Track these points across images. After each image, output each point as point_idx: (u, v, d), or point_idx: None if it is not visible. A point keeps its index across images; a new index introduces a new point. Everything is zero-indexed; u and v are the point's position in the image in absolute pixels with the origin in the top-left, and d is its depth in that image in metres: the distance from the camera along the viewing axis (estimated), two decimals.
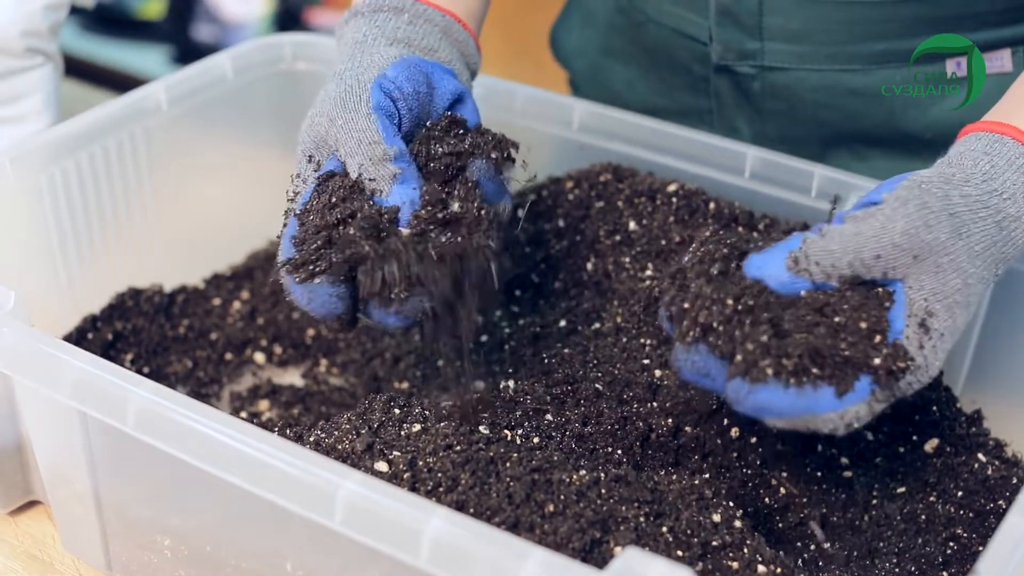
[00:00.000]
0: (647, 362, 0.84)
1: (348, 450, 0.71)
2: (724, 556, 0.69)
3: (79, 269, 0.98)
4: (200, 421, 0.67)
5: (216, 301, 1.05)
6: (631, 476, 0.72)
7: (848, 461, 0.83)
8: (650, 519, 0.70)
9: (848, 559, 0.78)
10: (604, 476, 0.71)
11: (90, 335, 0.98)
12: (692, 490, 0.72)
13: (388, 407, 0.75)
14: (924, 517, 0.80)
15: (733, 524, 0.71)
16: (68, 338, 0.96)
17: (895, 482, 0.82)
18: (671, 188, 0.93)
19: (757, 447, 0.81)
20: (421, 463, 0.70)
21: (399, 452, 0.71)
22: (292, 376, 1.01)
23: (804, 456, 0.82)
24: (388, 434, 0.72)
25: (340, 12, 2.50)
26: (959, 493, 0.81)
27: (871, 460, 0.83)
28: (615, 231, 0.93)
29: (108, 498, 0.77)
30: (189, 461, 0.67)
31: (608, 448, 0.79)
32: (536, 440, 0.76)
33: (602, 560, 0.66)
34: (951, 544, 0.78)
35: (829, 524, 0.80)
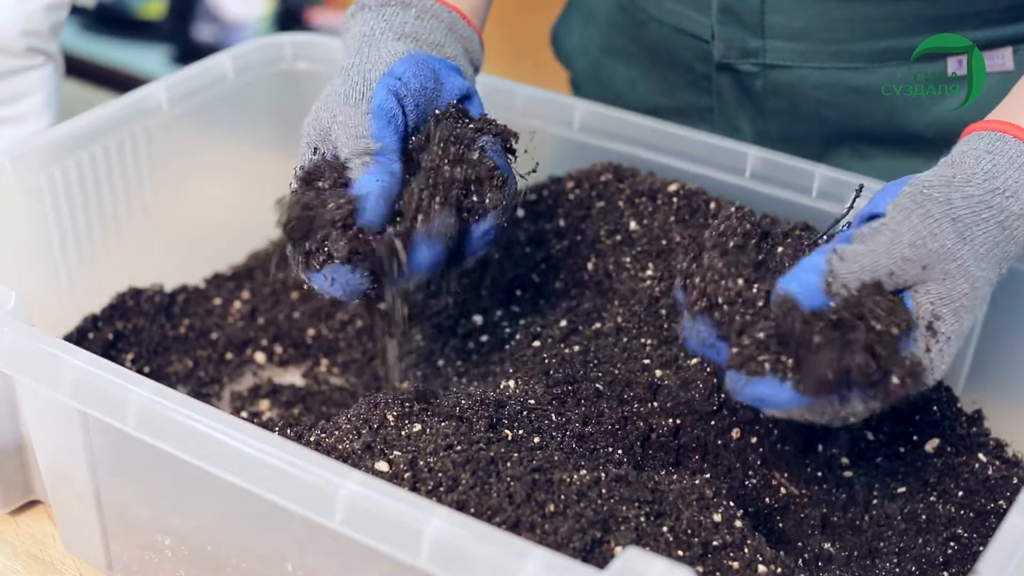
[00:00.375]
0: (648, 362, 0.84)
1: (348, 450, 0.71)
2: (725, 556, 0.69)
3: (80, 269, 0.98)
4: (201, 421, 0.67)
5: (217, 301, 1.05)
6: (631, 476, 0.72)
7: (848, 461, 0.83)
8: (651, 519, 0.70)
9: (848, 559, 0.78)
10: (605, 476, 0.71)
11: (91, 335, 0.98)
12: (693, 490, 0.72)
13: (388, 407, 0.75)
14: (925, 517, 0.80)
15: (734, 524, 0.71)
16: (69, 338, 0.96)
17: (895, 482, 0.82)
18: (672, 188, 0.93)
19: (758, 447, 0.81)
20: (422, 463, 0.70)
21: (399, 452, 0.71)
22: (293, 376, 1.01)
23: (805, 456, 0.82)
24: (388, 434, 0.72)
25: (341, 12, 2.50)
26: (960, 493, 0.81)
27: (872, 460, 0.83)
28: (616, 231, 0.93)
29: (109, 498, 0.77)
30: (190, 461, 0.67)
31: (609, 448, 0.79)
32: (537, 440, 0.76)
33: (602, 560, 0.66)
34: (952, 544, 0.78)
35: (830, 524, 0.80)
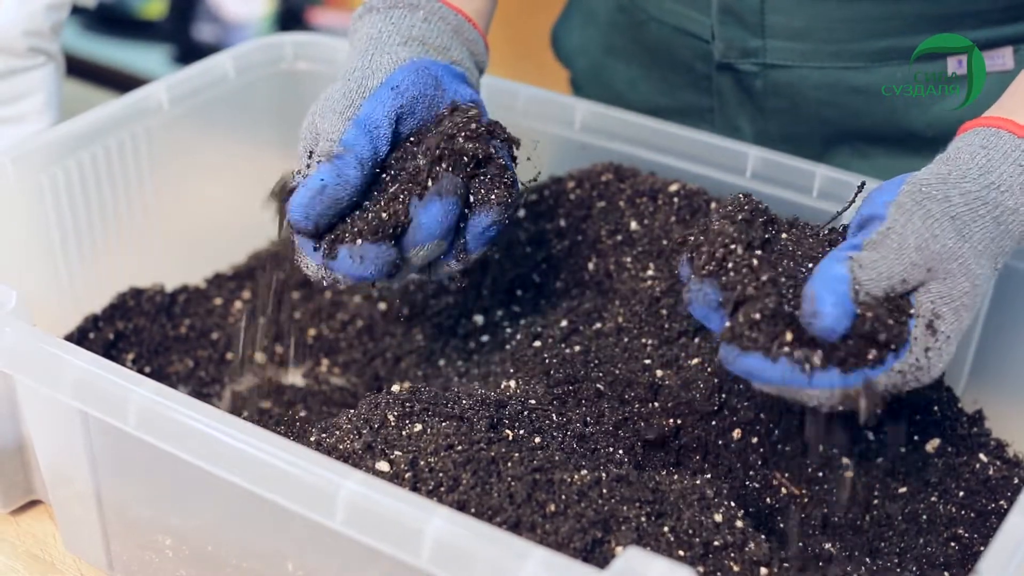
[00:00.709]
0: (648, 362, 0.84)
1: (349, 450, 0.71)
2: (725, 556, 0.69)
3: (80, 268, 0.98)
4: (201, 421, 0.67)
5: (217, 301, 1.05)
6: (632, 476, 0.72)
7: (849, 461, 0.83)
8: (651, 519, 0.70)
9: (849, 559, 0.78)
10: (605, 476, 0.71)
11: (91, 335, 0.98)
12: (693, 490, 0.72)
13: (389, 407, 0.75)
14: (925, 517, 0.80)
15: (734, 524, 0.71)
16: (69, 338, 0.96)
17: (896, 482, 0.82)
18: (673, 188, 0.93)
19: (758, 447, 0.81)
20: (423, 463, 0.70)
21: (400, 452, 0.71)
22: (293, 376, 1.01)
23: (805, 456, 0.82)
24: (389, 434, 0.72)
25: (341, 12, 2.50)
26: (960, 493, 0.81)
27: (872, 460, 0.83)
28: (617, 231, 0.93)
29: (109, 498, 0.77)
30: (190, 461, 0.67)
31: (609, 448, 0.79)
32: (537, 440, 0.76)
33: (603, 560, 0.66)
34: (952, 544, 0.78)
35: (831, 524, 0.80)
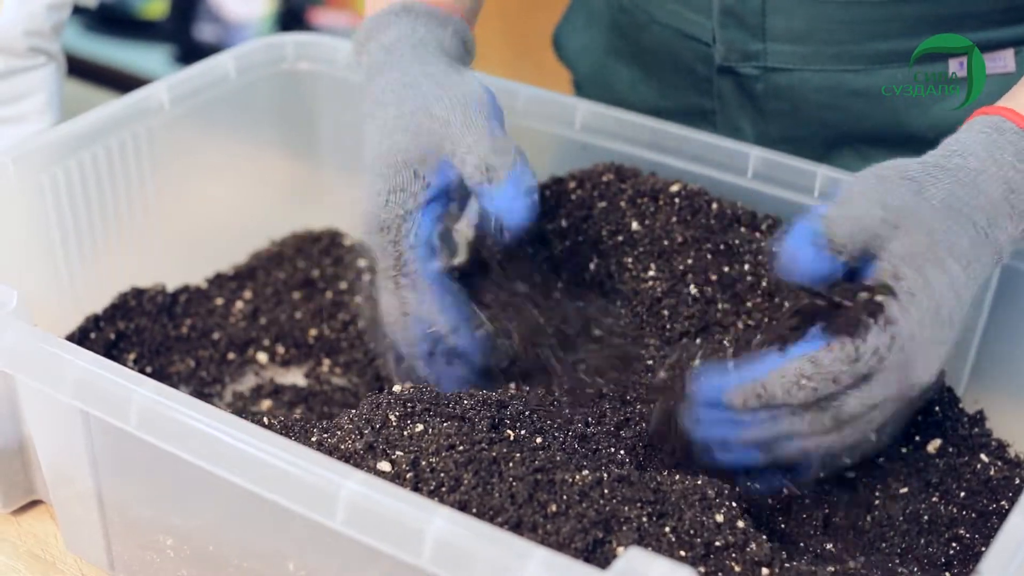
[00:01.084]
0: (650, 362, 0.84)
1: (351, 450, 0.71)
2: (727, 556, 0.69)
3: (81, 268, 0.98)
4: (202, 421, 0.67)
5: (219, 301, 1.05)
6: (634, 476, 0.72)
7: (850, 461, 0.83)
8: (653, 519, 0.70)
9: (851, 559, 0.78)
10: (607, 476, 0.71)
11: (92, 335, 0.98)
12: (695, 490, 0.72)
13: (391, 406, 0.75)
14: (927, 518, 0.80)
15: (736, 524, 0.71)
16: (71, 338, 0.96)
17: (897, 483, 0.82)
18: (674, 188, 0.93)
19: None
20: (424, 463, 0.70)
21: (402, 452, 0.71)
22: (295, 376, 1.01)
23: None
24: (391, 434, 0.72)
25: (342, 12, 2.50)
26: (962, 494, 0.81)
27: (873, 460, 0.83)
28: (618, 231, 0.93)
29: (110, 497, 0.77)
30: (191, 461, 0.67)
31: (611, 448, 0.79)
32: (539, 440, 0.76)
33: (604, 560, 0.66)
34: (954, 545, 0.78)
35: (832, 525, 0.80)
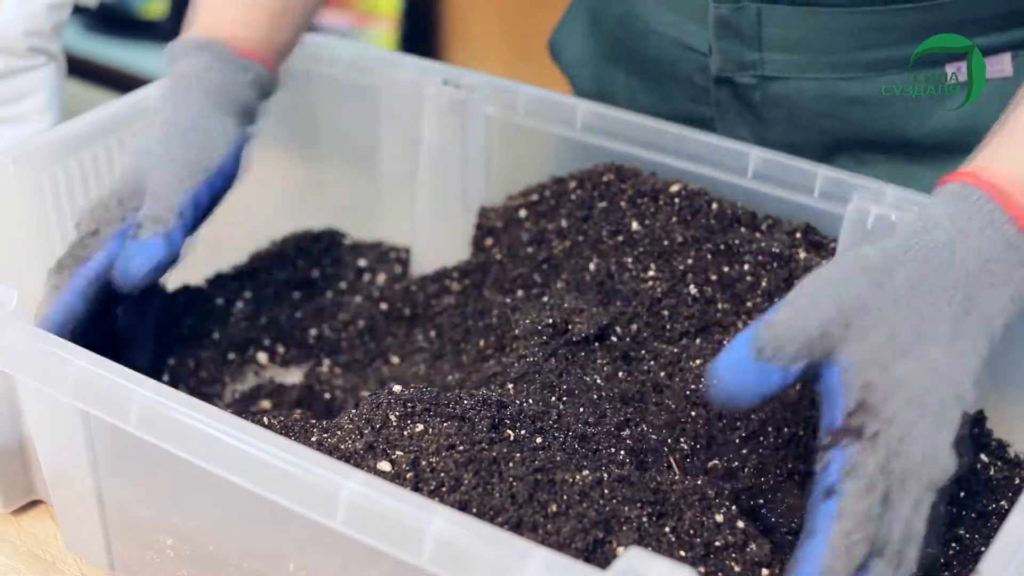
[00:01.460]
0: (652, 363, 0.84)
1: (351, 450, 0.71)
2: (727, 556, 0.69)
3: None
4: (203, 421, 0.67)
5: (219, 301, 1.04)
6: (634, 476, 0.72)
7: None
8: (653, 519, 0.70)
9: None
10: (607, 476, 0.71)
11: None
12: (695, 490, 0.72)
13: (391, 406, 0.75)
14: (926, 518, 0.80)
15: (736, 524, 0.71)
16: None
17: None
18: (674, 188, 0.93)
19: (760, 448, 0.81)
20: (424, 463, 0.70)
21: (402, 452, 0.71)
22: (295, 376, 1.01)
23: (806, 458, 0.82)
24: (391, 434, 0.72)
25: (343, 12, 2.50)
26: (961, 494, 0.81)
27: None
28: (618, 231, 0.93)
29: (110, 497, 0.77)
30: (191, 460, 0.67)
31: (611, 449, 0.79)
32: (539, 440, 0.76)
33: (605, 560, 0.66)
34: (953, 545, 0.78)
35: None
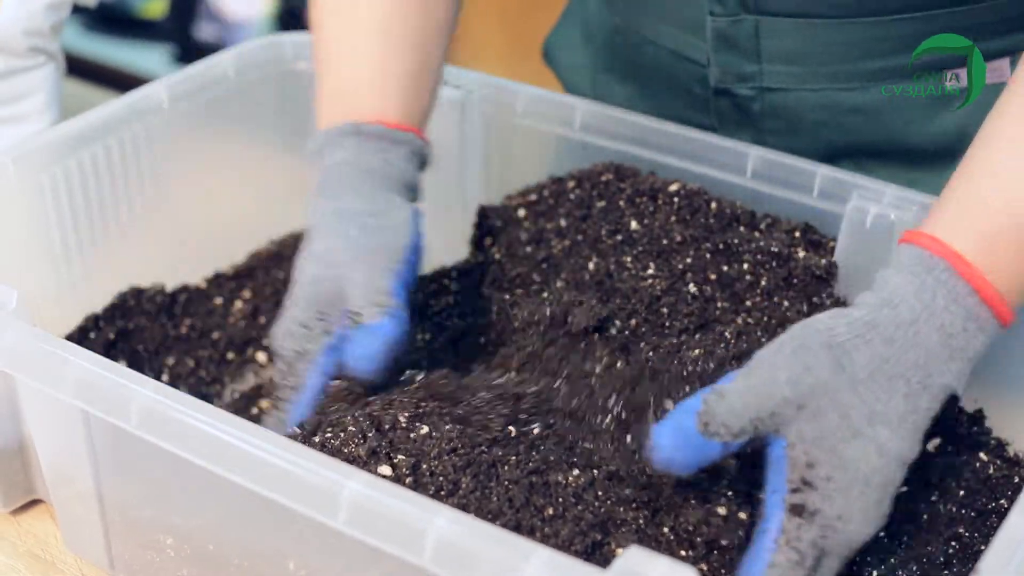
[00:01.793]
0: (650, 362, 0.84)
1: (353, 453, 0.71)
2: (727, 556, 0.69)
3: (81, 269, 0.98)
4: (203, 420, 0.67)
5: (218, 301, 1.05)
6: (623, 471, 0.72)
7: None
8: (650, 519, 0.70)
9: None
10: (599, 475, 0.71)
11: (92, 335, 0.98)
12: (691, 487, 0.72)
13: (392, 407, 0.75)
14: (926, 517, 0.80)
15: (737, 517, 0.71)
16: (70, 337, 0.96)
17: None
18: (673, 188, 0.93)
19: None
20: (425, 466, 0.70)
21: (404, 455, 0.70)
22: None
23: None
24: (393, 435, 0.72)
25: None
26: (961, 492, 0.81)
27: None
28: (617, 231, 0.93)
29: (110, 497, 0.77)
30: (192, 460, 0.67)
31: (610, 447, 0.79)
32: (535, 437, 0.76)
33: (604, 561, 0.66)
34: (953, 543, 0.78)
35: None
